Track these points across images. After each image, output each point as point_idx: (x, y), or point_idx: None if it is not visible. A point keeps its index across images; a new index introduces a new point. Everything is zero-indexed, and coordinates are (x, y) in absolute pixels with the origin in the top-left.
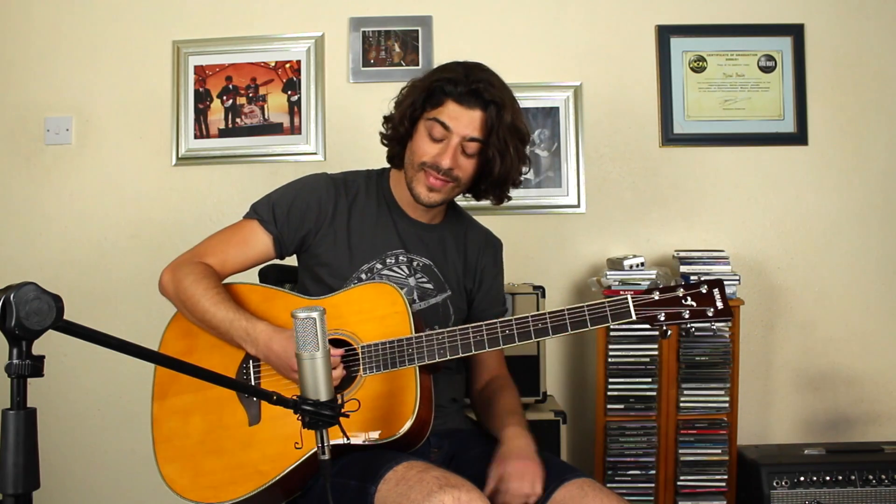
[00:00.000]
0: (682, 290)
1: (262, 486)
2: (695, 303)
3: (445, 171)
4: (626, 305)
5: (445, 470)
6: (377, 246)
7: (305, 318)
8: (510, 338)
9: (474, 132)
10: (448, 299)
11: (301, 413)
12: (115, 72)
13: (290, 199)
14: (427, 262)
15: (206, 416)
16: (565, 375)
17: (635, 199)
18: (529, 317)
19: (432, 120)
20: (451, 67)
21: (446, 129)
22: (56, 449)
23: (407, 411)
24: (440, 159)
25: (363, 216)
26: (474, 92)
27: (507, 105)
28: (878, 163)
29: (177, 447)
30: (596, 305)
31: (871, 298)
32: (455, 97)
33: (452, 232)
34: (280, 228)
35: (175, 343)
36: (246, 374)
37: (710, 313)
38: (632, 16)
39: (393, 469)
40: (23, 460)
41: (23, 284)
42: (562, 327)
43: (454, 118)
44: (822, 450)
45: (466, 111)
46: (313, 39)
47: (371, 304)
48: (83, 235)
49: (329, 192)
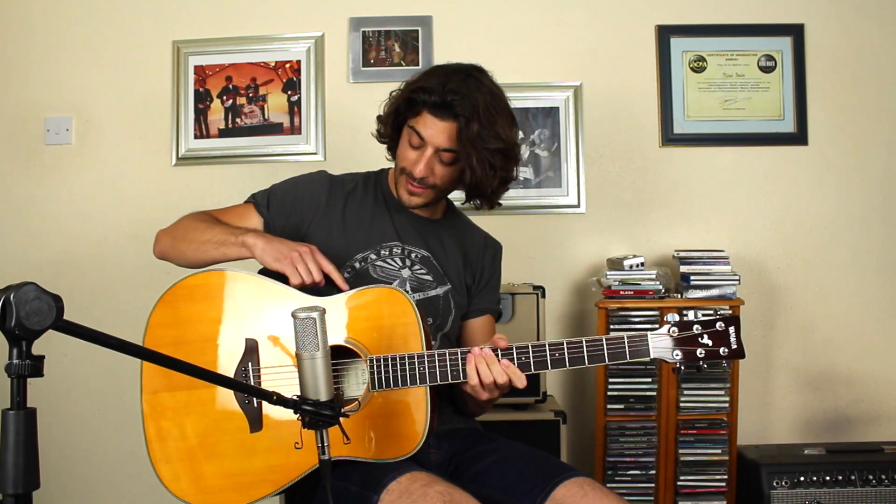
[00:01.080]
0: (698, 327)
1: (266, 496)
2: (710, 342)
3: (419, 179)
4: (645, 344)
5: (449, 483)
6: (372, 237)
7: (305, 318)
8: (526, 366)
9: (447, 143)
10: (449, 293)
11: (301, 413)
12: (115, 72)
13: (286, 188)
14: (425, 253)
15: (203, 418)
16: (565, 375)
17: (635, 199)
18: (547, 344)
19: (410, 128)
20: (433, 74)
21: (421, 139)
22: (56, 449)
23: (418, 430)
24: (414, 168)
25: (359, 208)
26: (447, 104)
27: (478, 116)
28: (878, 163)
29: (172, 448)
30: (615, 340)
31: (871, 298)
32: (429, 108)
33: (452, 228)
34: (271, 213)
35: (162, 332)
36: (245, 377)
37: (724, 353)
38: (632, 16)
39: (396, 480)
40: (23, 460)
41: (23, 284)
42: (579, 360)
43: (428, 129)
44: (822, 450)
45: (439, 122)
46: (313, 39)
47: (377, 310)
48: (83, 235)
49: (324, 185)
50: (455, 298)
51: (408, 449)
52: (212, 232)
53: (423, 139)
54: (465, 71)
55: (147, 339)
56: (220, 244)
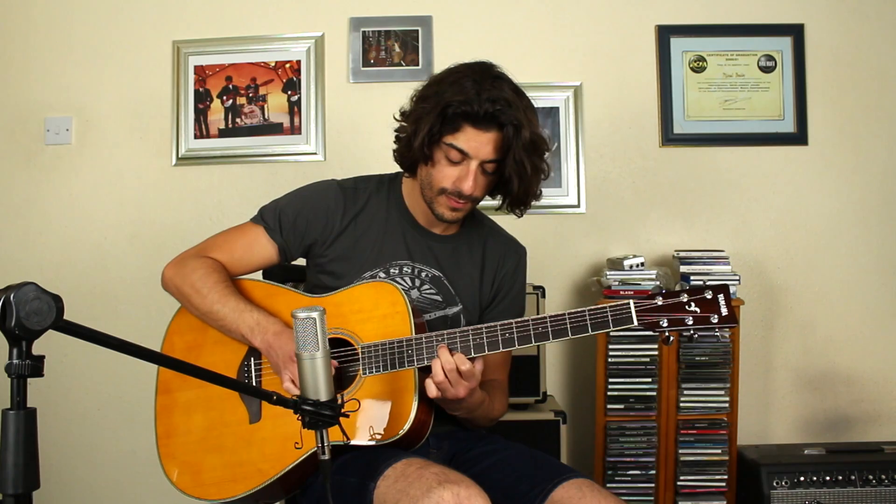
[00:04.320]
0: (685, 296)
1: (261, 485)
2: (698, 309)
3: (466, 196)
4: (628, 311)
5: (445, 466)
6: (383, 255)
7: (305, 318)
8: (510, 341)
9: (491, 154)
10: (460, 313)
11: (301, 413)
12: (115, 72)
13: (297, 207)
14: (436, 273)
15: (208, 413)
16: (565, 375)
17: (635, 199)
18: (530, 320)
19: (448, 145)
20: (462, 84)
21: (465, 155)
22: (56, 449)
23: (406, 412)
24: (461, 185)
25: (371, 225)
26: (490, 115)
27: (523, 122)
28: (878, 163)
29: (178, 444)
30: (597, 310)
31: (871, 298)
32: (471, 121)
33: (469, 242)
34: (285, 237)
35: (182, 337)
36: (247, 371)
37: (715, 320)
38: (632, 16)
39: (392, 466)
40: (23, 460)
41: (23, 284)
42: (562, 332)
43: (471, 142)
44: (822, 450)
45: (483, 134)
46: (313, 39)
47: (372, 303)
48: (83, 235)
49: (338, 201)
50: (467, 319)
51: (397, 429)
52: (218, 307)
53: (467, 154)
54: (488, 73)
55: (164, 346)
56: (222, 327)
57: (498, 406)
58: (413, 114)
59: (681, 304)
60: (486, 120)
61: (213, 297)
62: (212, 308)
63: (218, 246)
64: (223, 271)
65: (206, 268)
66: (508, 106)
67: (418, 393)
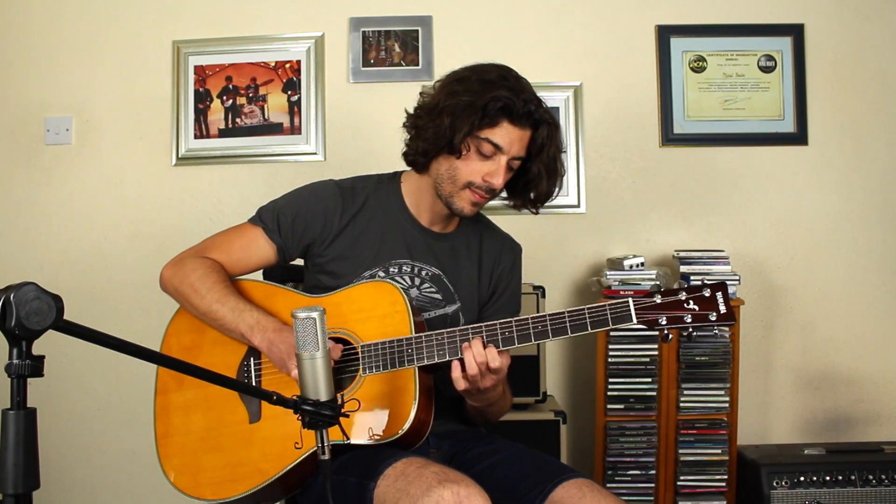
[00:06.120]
0: (684, 294)
1: (261, 485)
2: (697, 306)
3: (494, 190)
4: (627, 309)
5: (445, 465)
6: (381, 254)
7: (305, 318)
8: (509, 340)
9: (521, 150)
10: (459, 311)
11: (301, 413)
12: (115, 72)
13: (295, 207)
14: (436, 271)
15: (208, 413)
16: (565, 375)
17: (635, 199)
18: (529, 319)
19: (481, 139)
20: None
21: (498, 150)
22: (56, 449)
23: (406, 411)
24: (492, 179)
25: (370, 224)
26: (528, 114)
27: (557, 123)
28: (878, 163)
29: (178, 444)
30: (596, 308)
31: (871, 298)
32: (510, 117)
33: (466, 240)
34: (284, 238)
35: (181, 338)
36: (247, 372)
37: (713, 317)
38: (632, 16)
39: (392, 465)
40: (23, 460)
41: (23, 284)
42: (562, 330)
43: (506, 137)
44: (822, 450)
45: (518, 130)
46: (313, 39)
47: (371, 302)
48: (83, 235)
49: (336, 200)
50: (466, 317)
51: (397, 428)
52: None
53: (501, 148)
54: (513, 74)
55: (163, 347)
56: (221, 327)
57: (509, 400)
58: (447, 108)
59: (679, 301)
60: (524, 117)
61: (212, 297)
62: (210, 308)
63: (216, 246)
64: (222, 272)
65: (205, 268)
66: (541, 106)
67: (418, 393)
